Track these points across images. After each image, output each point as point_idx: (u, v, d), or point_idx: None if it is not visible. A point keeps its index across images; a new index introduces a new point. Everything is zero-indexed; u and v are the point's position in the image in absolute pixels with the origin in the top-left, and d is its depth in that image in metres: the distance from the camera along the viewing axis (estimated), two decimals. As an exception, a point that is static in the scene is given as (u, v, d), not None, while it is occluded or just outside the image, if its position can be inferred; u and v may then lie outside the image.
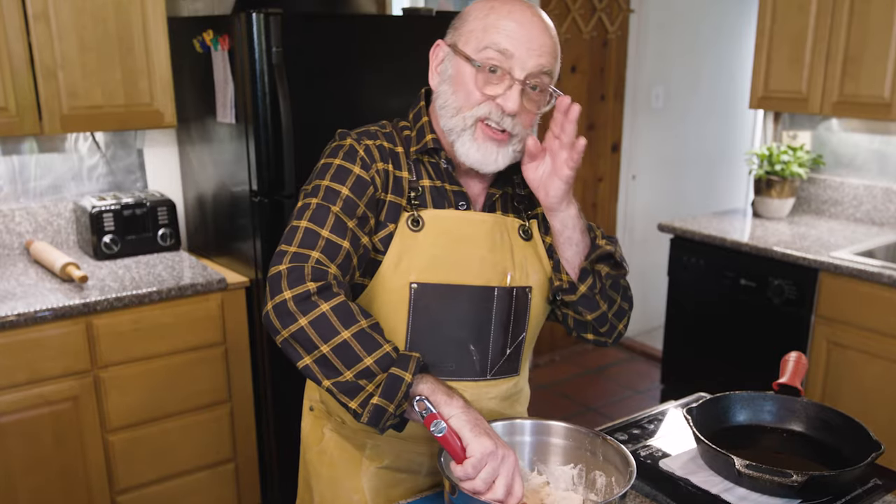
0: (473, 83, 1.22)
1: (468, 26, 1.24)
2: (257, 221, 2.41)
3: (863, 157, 3.28)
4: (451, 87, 1.25)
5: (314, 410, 1.45)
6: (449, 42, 1.27)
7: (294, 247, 1.17)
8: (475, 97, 1.22)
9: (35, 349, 2.17)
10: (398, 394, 1.08)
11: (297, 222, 1.20)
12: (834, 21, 2.87)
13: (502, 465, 1.06)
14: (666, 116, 4.42)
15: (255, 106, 2.29)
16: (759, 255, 2.93)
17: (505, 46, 1.20)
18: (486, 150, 1.24)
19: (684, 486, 1.26)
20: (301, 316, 1.10)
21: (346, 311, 1.11)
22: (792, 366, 1.47)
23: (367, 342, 1.10)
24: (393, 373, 1.08)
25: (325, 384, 1.10)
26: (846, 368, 2.74)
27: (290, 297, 1.11)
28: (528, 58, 1.20)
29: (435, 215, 1.27)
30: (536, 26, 1.22)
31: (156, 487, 2.46)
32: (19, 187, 2.65)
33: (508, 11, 1.21)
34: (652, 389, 3.93)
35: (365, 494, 1.36)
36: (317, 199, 1.21)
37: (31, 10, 2.23)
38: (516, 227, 1.34)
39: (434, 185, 1.29)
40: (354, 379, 1.09)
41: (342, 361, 1.09)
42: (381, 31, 2.47)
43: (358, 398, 1.09)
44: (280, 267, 1.14)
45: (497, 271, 1.29)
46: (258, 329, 2.54)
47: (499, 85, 1.21)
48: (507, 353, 1.34)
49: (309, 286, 1.11)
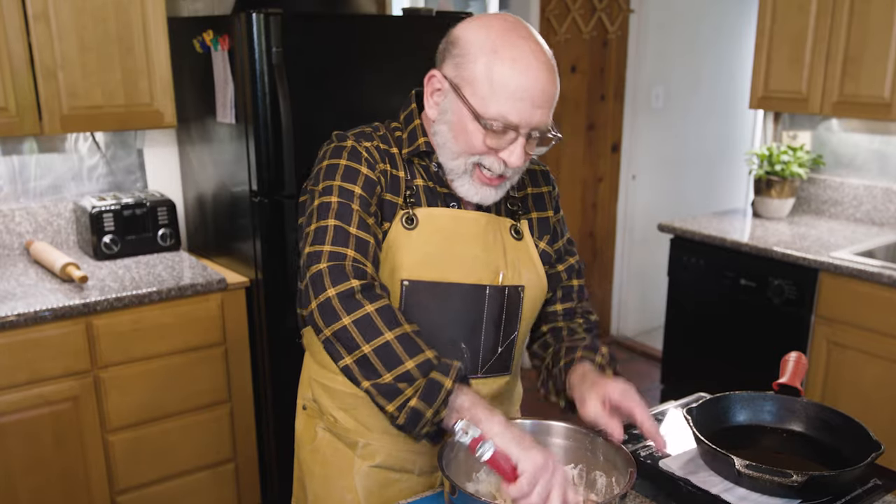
0: (479, 138, 1.20)
1: (471, 71, 1.18)
2: (257, 221, 2.41)
3: (863, 157, 3.28)
4: (452, 131, 1.23)
5: (307, 409, 1.45)
6: (450, 79, 1.22)
7: (328, 245, 1.16)
8: (479, 149, 1.21)
9: (35, 349, 2.17)
10: (437, 399, 1.07)
11: (323, 222, 1.19)
12: (834, 21, 2.87)
13: (554, 478, 1.04)
14: (666, 116, 4.42)
15: (255, 106, 2.29)
16: (759, 255, 2.93)
17: (513, 121, 1.17)
18: (484, 191, 1.26)
19: (684, 486, 1.25)
20: (345, 314, 1.10)
21: (390, 313, 1.12)
22: (792, 366, 1.46)
23: (409, 346, 1.09)
24: (433, 378, 1.08)
25: (365, 385, 1.10)
26: (846, 368, 2.74)
27: (334, 295, 1.11)
28: (532, 115, 1.18)
29: (429, 213, 1.28)
30: (542, 76, 1.17)
31: (156, 487, 2.46)
32: (19, 187, 2.65)
33: (513, 60, 1.16)
34: (652, 389, 3.93)
35: (357, 493, 1.36)
36: (335, 197, 1.21)
37: (31, 10, 2.23)
38: (508, 226, 1.34)
39: (427, 185, 1.30)
40: (394, 382, 1.08)
41: (383, 363, 1.08)
42: (381, 31, 2.47)
43: (396, 401, 1.09)
44: (320, 265, 1.14)
45: (489, 270, 1.30)
46: (258, 329, 2.54)
47: (502, 139, 1.20)
48: (498, 351, 1.34)
49: (353, 283, 1.12)
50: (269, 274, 2.44)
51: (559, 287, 1.44)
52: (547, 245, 1.40)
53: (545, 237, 1.40)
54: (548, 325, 1.46)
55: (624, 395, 1.18)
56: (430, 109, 1.26)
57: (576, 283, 1.47)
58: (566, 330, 1.43)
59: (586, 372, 1.26)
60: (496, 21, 1.21)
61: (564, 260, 1.45)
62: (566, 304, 1.46)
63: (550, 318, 1.46)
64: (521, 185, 1.39)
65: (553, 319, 1.46)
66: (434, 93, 1.26)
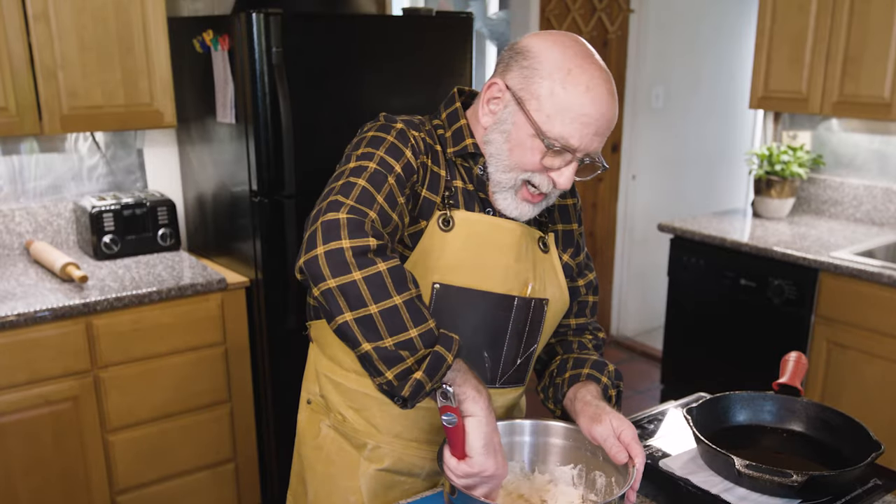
0: (536, 156, 1.20)
1: (539, 84, 1.17)
2: (257, 221, 2.41)
3: (863, 157, 3.28)
4: (507, 143, 1.21)
5: (312, 404, 1.43)
6: (514, 91, 1.19)
7: (351, 200, 1.10)
8: (533, 166, 1.21)
9: (35, 349, 2.17)
10: (439, 373, 1.06)
11: (353, 179, 1.14)
12: (834, 21, 2.87)
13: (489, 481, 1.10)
14: (666, 116, 4.42)
15: (255, 106, 2.29)
16: (759, 255, 2.93)
17: (574, 144, 1.17)
18: (523, 207, 1.26)
19: (684, 486, 1.25)
20: (357, 269, 1.04)
21: (401, 275, 1.07)
22: (792, 366, 1.47)
23: (415, 312, 1.06)
24: (438, 351, 1.05)
25: (365, 347, 1.04)
26: (846, 368, 2.74)
27: (348, 247, 1.04)
28: (592, 142, 1.18)
29: (466, 217, 1.26)
30: (610, 106, 1.18)
31: (156, 487, 2.46)
32: (19, 187, 2.65)
33: (587, 87, 1.15)
34: (652, 389, 3.93)
35: (362, 496, 1.35)
36: (374, 163, 1.16)
37: (31, 10, 2.23)
38: (536, 238, 1.33)
39: (466, 187, 1.28)
40: (395, 348, 1.04)
41: (387, 327, 1.04)
42: (381, 31, 2.47)
43: (396, 368, 1.05)
44: (338, 214, 1.07)
45: (519, 281, 1.28)
46: (258, 329, 2.54)
47: (557, 159, 1.19)
48: (517, 363, 1.34)
49: (370, 241, 1.06)
50: (269, 274, 2.44)
51: (576, 301, 1.44)
52: (570, 258, 1.39)
53: (569, 250, 1.39)
54: (557, 337, 1.46)
55: (633, 439, 1.18)
56: (485, 117, 1.24)
57: (591, 299, 1.47)
58: (575, 343, 1.43)
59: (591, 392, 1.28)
60: (570, 41, 1.19)
61: (584, 275, 1.44)
62: (580, 319, 1.46)
63: (561, 331, 1.46)
64: None
65: (564, 332, 1.46)
66: (492, 100, 1.23)
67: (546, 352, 1.46)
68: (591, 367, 1.33)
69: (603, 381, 1.32)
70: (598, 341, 1.46)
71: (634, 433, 1.19)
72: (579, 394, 1.28)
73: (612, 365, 1.36)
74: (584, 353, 1.39)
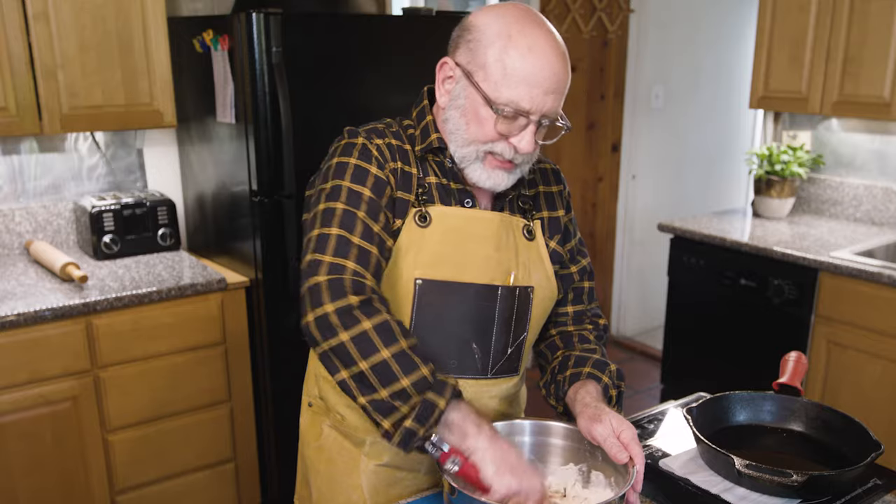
0: (490, 124, 1.21)
1: (484, 56, 1.19)
2: (257, 221, 2.41)
3: (863, 157, 3.28)
4: (464, 118, 1.23)
5: (312, 406, 1.45)
6: (462, 65, 1.22)
7: (329, 256, 1.15)
8: (490, 136, 1.22)
9: (35, 349, 2.17)
10: (430, 419, 1.08)
11: (326, 229, 1.18)
12: (834, 21, 2.87)
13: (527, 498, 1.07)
14: (666, 116, 4.42)
15: (255, 106, 2.29)
16: (759, 255, 2.93)
17: (525, 107, 1.18)
18: (496, 176, 1.26)
19: (684, 486, 1.26)
20: (343, 330, 1.10)
21: (388, 329, 1.11)
22: (792, 366, 1.47)
23: (405, 364, 1.09)
24: (428, 398, 1.08)
25: (361, 401, 1.10)
26: (846, 368, 2.74)
27: (332, 311, 1.10)
28: (544, 102, 1.19)
29: (442, 212, 1.27)
30: (556, 63, 1.18)
31: (156, 487, 2.46)
32: (19, 187, 2.65)
33: (528, 48, 1.17)
34: (652, 389, 3.93)
35: (364, 492, 1.36)
36: (342, 203, 1.20)
37: (31, 9, 2.23)
38: (521, 226, 1.34)
39: (440, 182, 1.29)
40: (390, 399, 1.09)
41: (379, 380, 1.09)
42: (381, 31, 2.47)
43: (391, 418, 1.09)
44: (319, 278, 1.13)
45: (501, 270, 1.29)
46: (258, 329, 2.54)
47: (513, 125, 1.20)
48: (508, 352, 1.34)
49: (351, 300, 1.11)
50: (269, 274, 2.44)
51: (570, 289, 1.44)
52: (557, 245, 1.39)
53: (556, 237, 1.39)
54: (557, 328, 1.46)
55: (633, 440, 1.18)
56: (442, 97, 1.27)
57: (587, 284, 1.46)
58: (576, 336, 1.43)
59: (590, 394, 1.27)
60: (511, 9, 1.22)
61: (577, 261, 1.44)
62: (577, 306, 1.46)
63: (560, 321, 1.46)
64: (532, 184, 1.39)
65: (563, 322, 1.46)
66: (445, 80, 1.26)
67: (547, 346, 1.46)
68: (593, 366, 1.33)
69: (604, 380, 1.32)
70: (600, 330, 1.46)
71: (634, 433, 1.19)
72: (579, 394, 1.28)
73: (613, 364, 1.36)
74: (585, 350, 1.38)
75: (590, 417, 1.22)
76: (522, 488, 1.06)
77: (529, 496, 1.07)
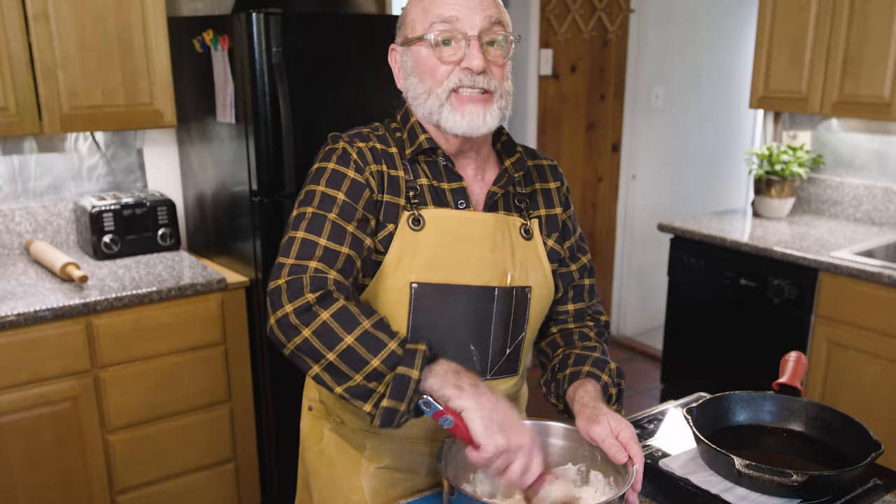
0: (433, 60, 1.24)
1: (409, 17, 1.27)
2: (257, 221, 2.41)
3: (863, 157, 3.28)
4: (417, 76, 1.27)
5: (313, 410, 1.45)
6: (399, 43, 1.30)
7: (291, 258, 1.17)
8: (440, 71, 1.24)
9: (35, 349, 2.17)
10: (407, 393, 1.07)
11: (293, 233, 1.20)
12: (834, 21, 2.87)
13: (517, 453, 1.06)
14: (666, 116, 4.42)
15: (255, 106, 2.29)
16: (759, 255, 2.93)
17: (449, 14, 1.21)
18: (471, 114, 1.23)
19: (684, 486, 1.26)
20: (304, 327, 1.10)
21: (347, 315, 1.11)
22: (792, 366, 1.46)
23: (371, 343, 1.09)
24: (399, 372, 1.07)
25: (338, 391, 1.10)
26: (846, 368, 2.74)
27: (291, 311, 1.11)
28: (474, 15, 1.21)
29: (436, 214, 1.27)
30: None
31: (156, 487, 2.46)
32: (19, 187, 2.65)
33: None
34: (652, 389, 3.93)
35: (364, 495, 1.35)
36: (312, 207, 1.22)
37: (31, 9, 2.23)
38: (517, 226, 1.33)
39: (432, 184, 1.29)
40: (364, 382, 1.08)
41: (350, 366, 1.08)
42: (381, 31, 2.47)
43: (371, 400, 1.08)
44: (279, 281, 1.15)
45: (497, 271, 1.29)
46: (258, 329, 2.54)
47: (457, 50, 1.23)
48: (506, 353, 1.34)
49: (308, 297, 1.12)
50: (269, 274, 2.43)
51: (571, 286, 1.43)
52: (555, 243, 1.38)
53: (553, 235, 1.38)
54: (558, 326, 1.45)
55: (631, 439, 1.18)
56: (399, 82, 1.31)
57: (587, 282, 1.46)
58: (577, 334, 1.43)
59: (589, 393, 1.27)
60: None
61: (577, 259, 1.44)
62: (577, 304, 1.45)
63: (561, 319, 1.45)
64: (528, 181, 1.38)
65: (564, 320, 1.45)
66: (395, 65, 1.31)
67: (548, 344, 1.45)
68: (592, 364, 1.33)
69: (603, 379, 1.32)
70: (600, 327, 1.45)
71: (633, 433, 1.19)
72: (577, 394, 1.28)
73: (613, 363, 1.36)
74: (586, 349, 1.38)
75: (588, 418, 1.21)
76: (511, 445, 1.05)
77: (518, 454, 1.06)
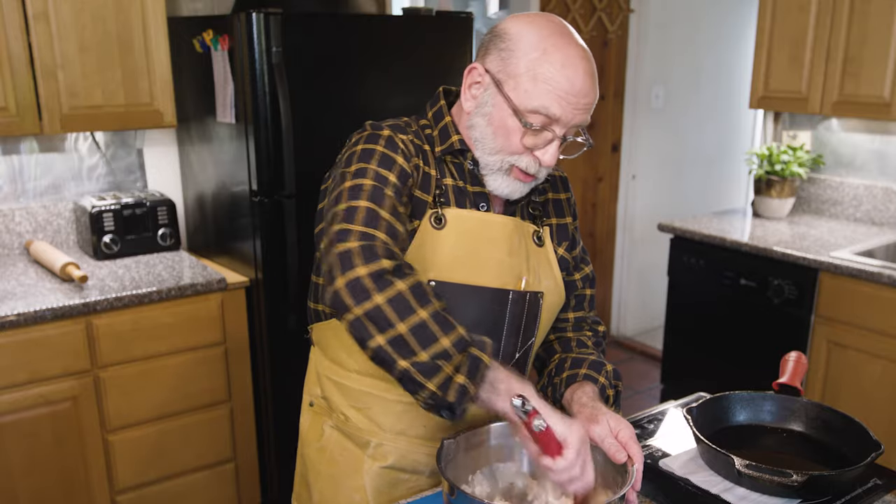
0: (517, 137, 1.21)
1: (516, 65, 1.19)
2: (257, 221, 2.41)
3: (863, 157, 3.28)
4: (490, 126, 1.23)
5: (314, 406, 1.44)
6: (493, 73, 1.21)
7: (359, 225, 1.12)
8: (514, 146, 1.22)
9: (35, 349, 2.17)
10: (478, 374, 1.06)
11: (355, 202, 1.15)
12: (834, 21, 2.87)
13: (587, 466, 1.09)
14: (666, 116, 4.42)
15: (255, 106, 2.29)
16: (759, 255, 2.93)
17: (555, 113, 1.18)
18: (514, 186, 1.27)
19: (684, 486, 1.25)
20: (377, 293, 1.06)
21: (422, 291, 1.09)
22: (792, 366, 1.46)
23: (443, 323, 1.07)
24: (473, 353, 1.07)
25: (402, 364, 1.06)
26: (846, 368, 2.74)
27: (365, 274, 1.07)
28: (573, 117, 1.19)
29: (458, 214, 1.27)
30: (587, 80, 1.18)
31: (156, 487, 2.46)
32: (19, 187, 2.65)
33: (562, 64, 1.17)
34: (652, 389, 3.93)
35: (366, 493, 1.35)
36: (369, 180, 1.18)
37: (31, 9, 2.23)
38: (531, 232, 1.34)
39: (456, 184, 1.29)
40: (431, 360, 1.05)
41: (419, 342, 1.05)
42: (381, 31, 2.47)
43: (437, 379, 1.05)
44: (349, 244, 1.10)
45: (513, 275, 1.29)
46: (258, 329, 2.54)
47: (539, 138, 1.21)
48: (516, 357, 1.34)
49: (384, 264, 1.08)
50: (269, 274, 2.44)
51: (573, 295, 1.45)
52: (566, 252, 1.40)
53: (564, 244, 1.40)
54: (556, 333, 1.46)
55: (631, 439, 1.18)
56: (468, 102, 1.26)
57: (589, 292, 1.47)
58: (575, 341, 1.43)
59: (587, 394, 1.28)
60: (546, 21, 1.21)
61: (580, 269, 1.45)
62: (578, 312, 1.46)
63: (560, 326, 1.46)
64: (541, 191, 1.40)
65: (563, 328, 1.46)
66: (473, 85, 1.24)
67: (545, 349, 1.46)
68: (589, 367, 1.33)
69: (600, 381, 1.32)
70: (598, 337, 1.46)
71: (632, 432, 1.19)
72: (575, 395, 1.28)
73: (610, 364, 1.36)
74: (582, 353, 1.38)
75: (587, 418, 1.22)
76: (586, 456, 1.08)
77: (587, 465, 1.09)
